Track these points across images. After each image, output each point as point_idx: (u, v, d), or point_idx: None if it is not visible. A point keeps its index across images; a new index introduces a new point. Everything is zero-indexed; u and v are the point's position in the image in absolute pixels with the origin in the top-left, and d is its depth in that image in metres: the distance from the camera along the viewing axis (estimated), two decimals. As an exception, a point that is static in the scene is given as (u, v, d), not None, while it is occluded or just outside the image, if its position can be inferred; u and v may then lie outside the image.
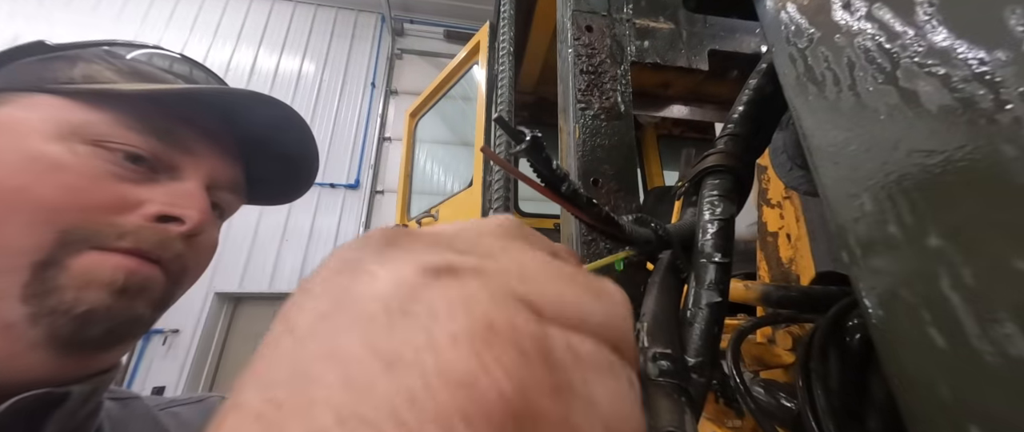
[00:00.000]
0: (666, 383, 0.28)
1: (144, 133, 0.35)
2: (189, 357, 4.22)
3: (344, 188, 5.14)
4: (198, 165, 0.39)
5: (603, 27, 0.63)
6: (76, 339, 0.32)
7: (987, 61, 0.16)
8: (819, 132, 0.25)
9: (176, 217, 0.36)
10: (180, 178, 0.38)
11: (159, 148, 0.36)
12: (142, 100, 0.36)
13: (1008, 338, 0.15)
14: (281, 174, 0.50)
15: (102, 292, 0.32)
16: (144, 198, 0.35)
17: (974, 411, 0.16)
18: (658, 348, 0.29)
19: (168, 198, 0.36)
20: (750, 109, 0.40)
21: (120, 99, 0.35)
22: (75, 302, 0.31)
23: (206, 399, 0.52)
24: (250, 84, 5.30)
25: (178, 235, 0.36)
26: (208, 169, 0.40)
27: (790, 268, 0.68)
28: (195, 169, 0.39)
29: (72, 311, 0.31)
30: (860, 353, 0.38)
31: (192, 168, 0.38)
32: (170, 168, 0.37)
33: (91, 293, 0.32)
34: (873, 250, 0.21)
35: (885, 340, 0.20)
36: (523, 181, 0.27)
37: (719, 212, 0.34)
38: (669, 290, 0.34)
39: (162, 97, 0.36)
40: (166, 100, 0.37)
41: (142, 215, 0.34)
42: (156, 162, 0.36)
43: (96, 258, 0.32)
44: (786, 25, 0.28)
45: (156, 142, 0.36)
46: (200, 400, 0.51)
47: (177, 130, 0.38)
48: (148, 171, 0.36)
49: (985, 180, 0.16)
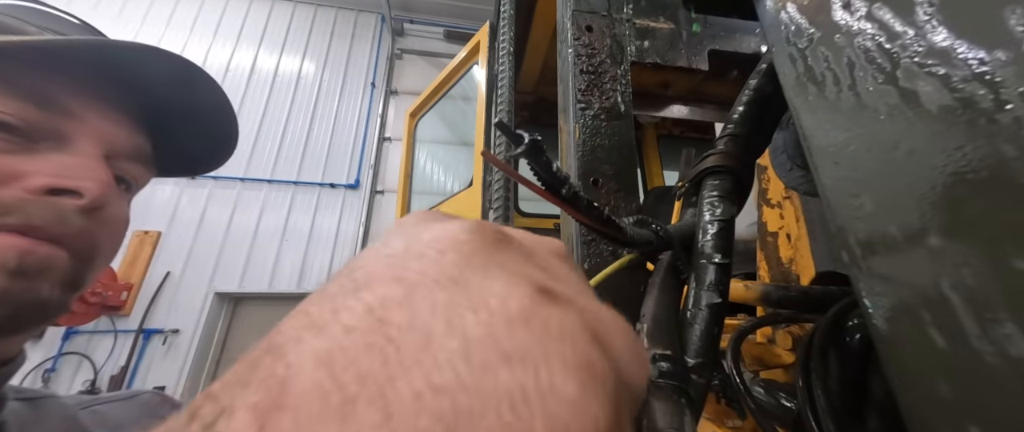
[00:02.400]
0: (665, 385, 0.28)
1: (12, 97, 0.31)
2: (189, 357, 4.21)
3: (344, 188, 5.14)
4: (89, 132, 0.35)
5: (603, 27, 0.63)
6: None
7: (987, 61, 0.16)
8: (819, 132, 0.25)
9: (70, 190, 0.32)
10: (69, 147, 0.34)
11: (33, 113, 0.32)
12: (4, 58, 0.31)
13: (1008, 338, 0.15)
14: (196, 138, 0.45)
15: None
16: (24, 170, 0.31)
17: (974, 411, 0.16)
18: (658, 349, 0.29)
19: (56, 169, 0.32)
20: (750, 109, 0.40)
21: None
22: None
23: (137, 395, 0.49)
24: (250, 84, 5.30)
25: (76, 209, 0.32)
26: (102, 135, 0.35)
27: (790, 268, 0.68)
28: (86, 136, 0.34)
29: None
30: (860, 353, 0.38)
31: (82, 135, 0.34)
32: (56, 137, 0.33)
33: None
34: (873, 250, 0.21)
35: (885, 340, 0.20)
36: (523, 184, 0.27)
37: (719, 213, 0.34)
38: (669, 291, 0.34)
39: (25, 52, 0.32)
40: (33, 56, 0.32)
41: (24, 188, 0.31)
42: (32, 130, 0.32)
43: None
44: (786, 25, 0.28)
45: (29, 107, 0.32)
46: (131, 397, 0.48)
47: (54, 93, 0.33)
48: (24, 141, 0.32)
49: (985, 180, 0.16)
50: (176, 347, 4.24)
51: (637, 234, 0.32)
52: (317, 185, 5.03)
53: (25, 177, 0.31)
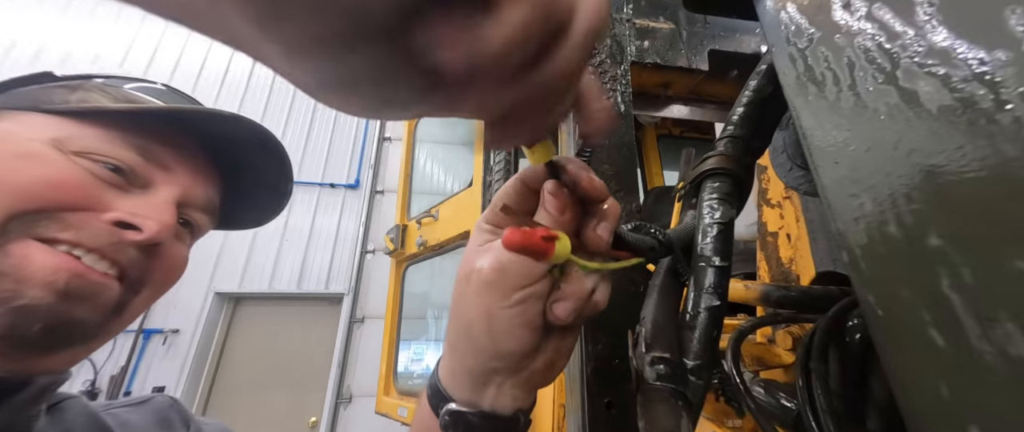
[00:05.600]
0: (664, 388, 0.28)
1: (125, 148, 0.38)
2: (189, 357, 4.21)
3: (344, 188, 5.14)
4: (171, 181, 0.41)
5: (603, 27, 0.63)
6: (11, 335, 0.32)
7: (987, 61, 0.16)
8: (819, 132, 0.25)
9: (133, 225, 0.37)
10: (152, 191, 0.39)
11: (138, 162, 0.39)
12: (125, 119, 0.39)
13: (1008, 338, 0.15)
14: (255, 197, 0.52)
15: (43, 291, 0.32)
16: (114, 204, 0.37)
17: (974, 411, 0.16)
18: (657, 353, 0.29)
19: (132, 207, 0.37)
20: (749, 111, 0.40)
21: (107, 118, 0.38)
22: (14, 294, 0.31)
23: (150, 400, 0.51)
24: (250, 84, 5.30)
25: (133, 242, 0.37)
26: (181, 186, 0.41)
27: (790, 268, 0.68)
28: (168, 184, 0.40)
29: (10, 303, 0.31)
30: (860, 353, 0.38)
31: (166, 183, 0.40)
32: (145, 183, 0.39)
33: (32, 289, 0.32)
34: (873, 250, 0.21)
35: (885, 340, 0.20)
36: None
37: (718, 216, 0.35)
38: (669, 293, 0.34)
39: (143, 115, 0.40)
40: (146, 118, 0.40)
41: (102, 218, 0.36)
42: (133, 175, 0.38)
43: (35, 249, 0.33)
44: (786, 25, 0.28)
45: (136, 157, 0.38)
46: (144, 401, 0.51)
47: (156, 147, 0.40)
48: (125, 183, 0.38)
49: (985, 180, 0.16)
50: (176, 347, 4.24)
51: (641, 242, 0.32)
52: (317, 185, 5.03)
53: (110, 210, 0.36)
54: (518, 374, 0.30)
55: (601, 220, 0.29)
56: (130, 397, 0.51)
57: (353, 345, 4.55)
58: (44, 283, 0.32)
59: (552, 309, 0.29)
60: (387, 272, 2.59)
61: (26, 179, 0.33)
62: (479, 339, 0.29)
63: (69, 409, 0.42)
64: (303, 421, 4.35)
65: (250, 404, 4.35)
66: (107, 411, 0.46)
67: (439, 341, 2.69)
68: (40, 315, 0.32)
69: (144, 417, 0.48)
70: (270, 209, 0.54)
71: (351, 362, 4.49)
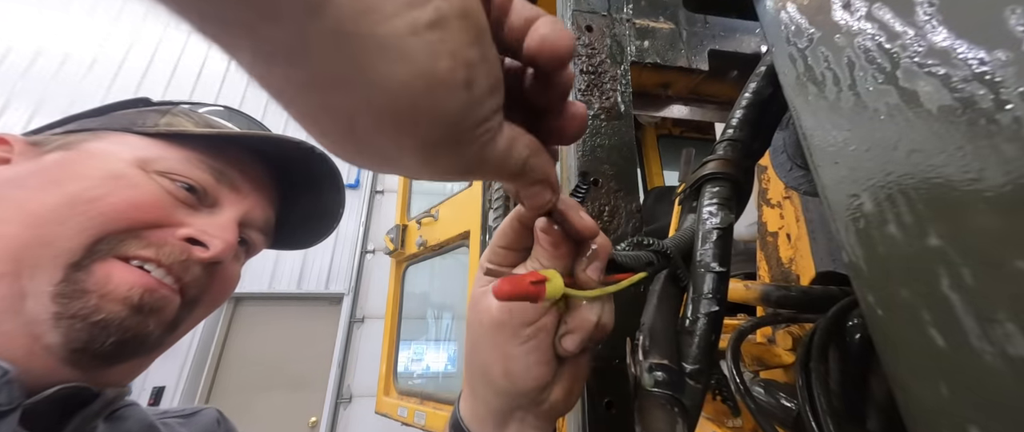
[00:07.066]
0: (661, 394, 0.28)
1: (201, 169, 0.41)
2: (189, 357, 4.21)
3: (344, 188, 5.15)
4: (237, 202, 0.44)
5: (603, 27, 0.63)
6: (88, 348, 0.33)
7: (987, 61, 0.16)
8: (819, 132, 0.25)
9: (201, 242, 0.39)
10: (218, 211, 0.42)
11: (210, 183, 0.42)
12: (204, 142, 0.42)
13: (1008, 338, 0.15)
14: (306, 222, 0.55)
15: (120, 305, 0.34)
16: (185, 221, 0.39)
17: (974, 411, 0.16)
18: (655, 359, 0.29)
19: (201, 225, 0.40)
20: (749, 113, 0.40)
21: (189, 141, 0.42)
22: (96, 309, 0.33)
23: (199, 413, 0.52)
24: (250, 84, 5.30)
25: (199, 259, 0.39)
26: (245, 207, 0.44)
27: (790, 268, 0.68)
28: (232, 204, 0.43)
29: (90, 318, 0.33)
30: (860, 353, 0.38)
31: (230, 204, 0.43)
32: (213, 202, 0.42)
33: (110, 304, 0.34)
34: (873, 250, 0.21)
35: (885, 340, 0.20)
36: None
37: (718, 221, 0.35)
38: (669, 299, 0.34)
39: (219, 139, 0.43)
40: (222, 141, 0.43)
41: (175, 234, 0.38)
42: (204, 195, 0.41)
43: (116, 267, 0.35)
44: (786, 25, 0.28)
45: (209, 178, 0.42)
46: (193, 413, 0.52)
47: (228, 169, 0.43)
48: (197, 202, 0.41)
49: (985, 180, 0.16)
50: (176, 347, 4.22)
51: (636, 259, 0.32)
52: (317, 185, 5.02)
53: (181, 227, 0.39)
54: (539, 407, 0.31)
55: (591, 261, 0.29)
56: (178, 408, 0.53)
57: (353, 345, 4.55)
58: (123, 298, 0.34)
59: (561, 343, 0.29)
60: (387, 272, 2.59)
61: (114, 200, 0.35)
62: (498, 382, 0.30)
63: (128, 417, 0.43)
64: (303, 421, 4.35)
65: (250, 404, 4.35)
66: (161, 419, 0.47)
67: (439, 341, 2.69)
68: (114, 329, 0.34)
69: (194, 430, 0.49)
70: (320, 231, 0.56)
71: (351, 362, 4.49)
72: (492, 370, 0.30)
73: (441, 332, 2.70)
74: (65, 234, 0.33)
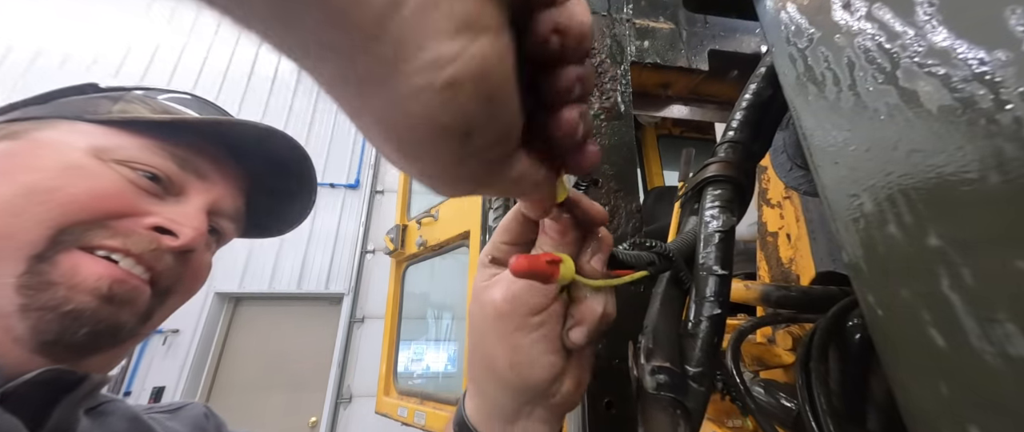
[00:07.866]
0: (664, 397, 0.28)
1: (163, 156, 0.40)
2: (189, 357, 4.21)
3: (344, 188, 5.14)
4: (205, 190, 0.42)
5: (603, 27, 0.63)
6: (60, 340, 0.33)
7: (987, 61, 0.16)
8: (819, 132, 0.25)
9: (170, 231, 0.38)
10: (186, 199, 0.41)
11: (173, 170, 0.40)
12: (163, 129, 0.41)
13: (1008, 338, 0.15)
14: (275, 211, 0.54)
15: (89, 296, 0.34)
16: (151, 211, 0.38)
17: (974, 411, 0.16)
18: (657, 362, 0.29)
19: (169, 214, 0.39)
20: (749, 114, 0.40)
21: (146, 128, 0.40)
22: (65, 300, 0.33)
23: (184, 408, 0.52)
24: (250, 83, 5.31)
25: (169, 248, 0.38)
26: (214, 195, 0.43)
27: (790, 268, 0.68)
28: (200, 192, 0.42)
29: (60, 308, 0.32)
30: (860, 353, 0.38)
31: (197, 191, 0.42)
32: (180, 190, 0.41)
33: (79, 295, 0.33)
34: (873, 250, 0.21)
35: (885, 340, 0.20)
36: None
37: (720, 224, 0.35)
38: (671, 302, 0.34)
39: (179, 126, 0.42)
40: (182, 128, 0.42)
41: (141, 224, 0.37)
42: (169, 183, 0.40)
43: (83, 258, 0.34)
44: (786, 25, 0.28)
45: (172, 165, 0.40)
46: (178, 408, 0.51)
47: (190, 156, 0.42)
48: (162, 190, 0.40)
49: (985, 180, 0.16)
50: (176, 347, 4.24)
51: (637, 258, 0.33)
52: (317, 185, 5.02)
53: (148, 216, 0.38)
54: (550, 399, 0.31)
55: (595, 252, 0.30)
56: (164, 403, 0.52)
57: (353, 345, 4.55)
58: (91, 289, 0.34)
59: (569, 336, 0.30)
60: (387, 272, 2.59)
61: (74, 191, 0.34)
62: (504, 375, 0.30)
63: (112, 412, 0.43)
64: (303, 421, 4.35)
65: (250, 404, 4.35)
66: (148, 414, 0.47)
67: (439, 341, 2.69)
68: (86, 319, 0.33)
69: (182, 425, 0.49)
70: (291, 218, 0.56)
71: (351, 362, 4.49)
72: (498, 363, 0.30)
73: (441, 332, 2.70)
74: (23, 226, 0.32)
